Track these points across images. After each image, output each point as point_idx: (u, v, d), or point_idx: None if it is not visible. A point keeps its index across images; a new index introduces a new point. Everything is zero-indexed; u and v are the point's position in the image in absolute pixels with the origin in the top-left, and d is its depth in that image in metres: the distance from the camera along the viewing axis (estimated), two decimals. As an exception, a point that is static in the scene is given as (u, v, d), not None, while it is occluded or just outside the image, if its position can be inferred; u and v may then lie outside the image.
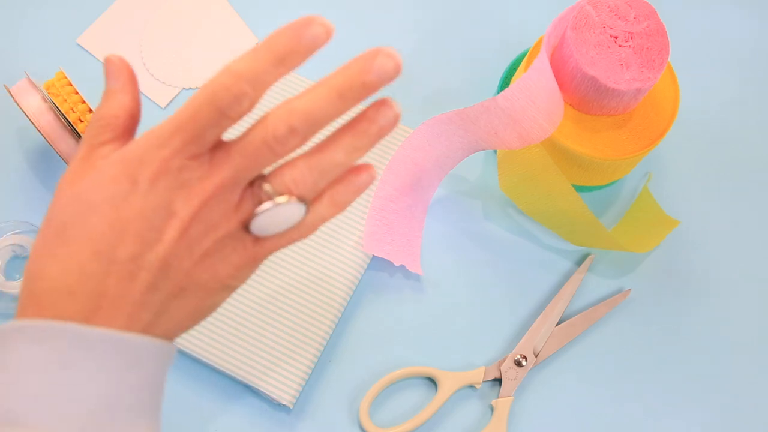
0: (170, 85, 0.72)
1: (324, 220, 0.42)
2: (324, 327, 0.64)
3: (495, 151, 0.69)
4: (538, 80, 0.57)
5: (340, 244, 0.66)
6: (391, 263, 0.67)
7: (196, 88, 0.72)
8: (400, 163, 0.66)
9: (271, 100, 0.70)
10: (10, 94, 0.62)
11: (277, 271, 0.65)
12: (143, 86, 0.71)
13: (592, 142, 0.62)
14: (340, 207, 0.42)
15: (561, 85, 0.61)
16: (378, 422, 0.63)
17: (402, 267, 0.67)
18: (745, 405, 0.66)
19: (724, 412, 0.65)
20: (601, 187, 0.70)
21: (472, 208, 0.69)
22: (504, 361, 0.65)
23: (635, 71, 0.58)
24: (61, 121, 0.61)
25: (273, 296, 0.64)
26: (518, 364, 0.64)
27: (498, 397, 0.64)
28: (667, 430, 0.65)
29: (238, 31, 0.74)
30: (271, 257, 0.65)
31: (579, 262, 0.68)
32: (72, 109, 0.61)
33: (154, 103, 0.71)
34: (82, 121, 0.61)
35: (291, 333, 0.63)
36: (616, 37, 0.59)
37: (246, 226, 0.40)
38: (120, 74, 0.41)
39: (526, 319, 0.67)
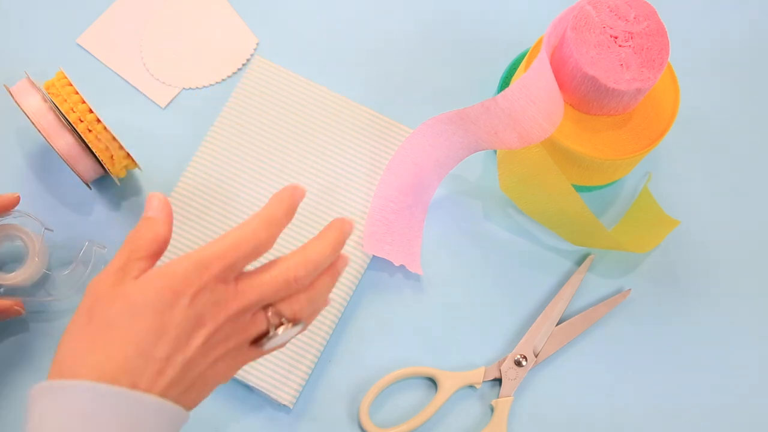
0: (170, 85, 0.72)
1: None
2: (324, 327, 0.64)
3: (495, 151, 0.69)
4: (538, 80, 0.57)
5: (340, 244, 0.66)
6: (391, 263, 0.67)
7: (196, 88, 0.72)
8: (400, 163, 0.66)
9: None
10: (10, 94, 0.62)
11: (277, 271, 0.65)
12: (143, 86, 0.71)
13: (592, 142, 0.62)
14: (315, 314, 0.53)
15: (561, 85, 0.61)
16: (378, 422, 0.63)
17: (402, 267, 0.67)
18: (745, 404, 0.66)
19: (724, 412, 0.65)
20: (601, 187, 0.70)
21: (472, 208, 0.69)
22: (504, 361, 0.65)
23: (635, 71, 0.58)
24: (62, 121, 0.61)
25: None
26: (518, 364, 0.65)
27: (498, 397, 0.64)
28: (667, 430, 0.65)
29: (238, 31, 0.74)
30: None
31: (579, 262, 0.68)
32: (72, 109, 0.61)
33: (154, 103, 0.71)
34: (82, 121, 0.61)
35: (291, 333, 0.63)
36: (616, 37, 0.59)
37: (252, 340, 0.49)
38: (162, 209, 0.50)
39: (526, 319, 0.67)
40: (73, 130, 0.61)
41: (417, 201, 0.67)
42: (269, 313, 0.49)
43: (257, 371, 0.62)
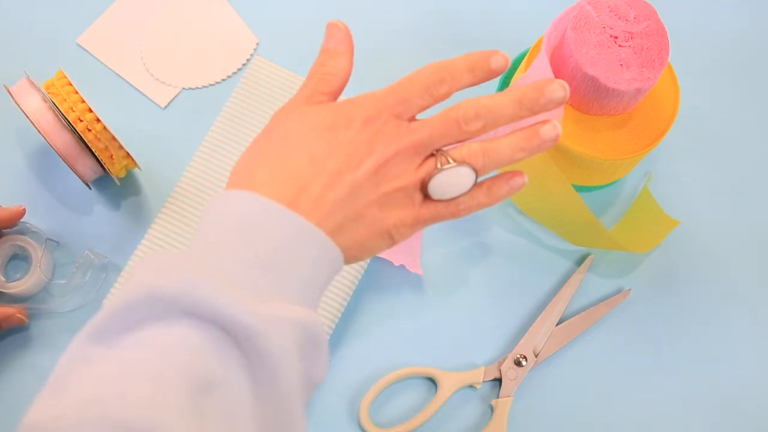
0: (170, 85, 0.72)
1: (479, 206, 0.49)
2: (324, 327, 0.64)
3: (495, 151, 0.69)
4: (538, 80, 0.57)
5: (340, 244, 0.66)
6: (391, 263, 0.67)
7: (196, 88, 0.72)
8: (400, 163, 0.66)
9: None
10: (10, 94, 0.62)
11: (277, 271, 0.65)
12: (143, 86, 0.71)
13: (592, 142, 0.62)
14: (494, 199, 0.50)
15: (561, 85, 0.61)
16: (378, 422, 0.63)
17: (402, 267, 0.67)
18: (745, 404, 0.66)
19: (724, 413, 0.65)
20: (601, 187, 0.70)
21: (472, 208, 0.69)
22: (504, 361, 0.65)
23: (635, 71, 0.58)
24: (61, 120, 0.62)
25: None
26: (518, 364, 0.65)
27: (498, 397, 0.64)
28: (667, 429, 0.65)
29: (238, 31, 0.74)
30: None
31: (579, 262, 0.68)
32: (72, 109, 0.61)
33: (153, 102, 0.71)
34: (81, 121, 0.61)
35: (291, 333, 0.63)
36: (616, 37, 0.59)
37: (421, 187, 0.48)
38: (345, 39, 0.50)
39: (526, 319, 0.67)
40: (73, 130, 0.61)
41: (417, 201, 0.67)
42: (436, 155, 0.48)
43: (257, 371, 0.62)
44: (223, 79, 0.72)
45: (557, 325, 0.66)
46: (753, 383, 0.66)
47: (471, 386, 0.65)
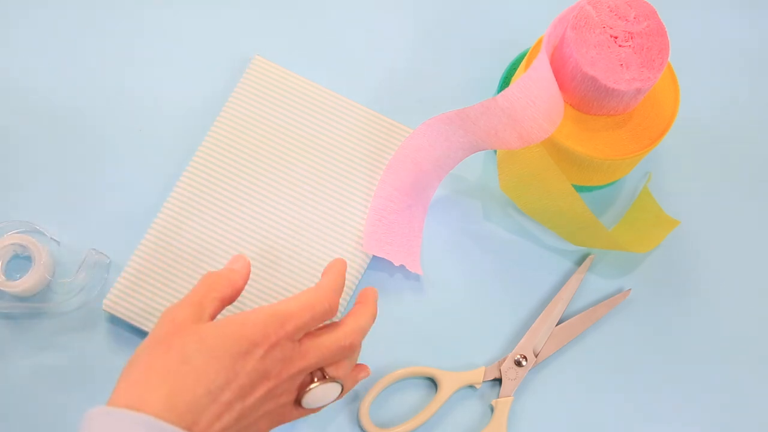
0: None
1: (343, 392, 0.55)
2: (324, 327, 0.64)
3: (495, 151, 0.69)
4: (538, 80, 0.57)
5: (340, 244, 0.66)
6: (391, 263, 0.67)
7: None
8: (400, 163, 0.66)
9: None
10: None
11: (277, 272, 0.65)
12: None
13: (592, 142, 0.62)
14: (354, 384, 0.57)
15: (561, 85, 0.61)
16: (378, 422, 0.63)
17: (402, 267, 0.67)
18: (744, 405, 0.66)
19: (723, 413, 0.66)
20: (601, 187, 0.70)
21: (472, 208, 0.69)
22: (504, 361, 0.65)
23: (635, 71, 0.58)
24: None
25: (273, 296, 0.64)
26: (518, 364, 0.65)
27: (498, 397, 0.64)
28: (667, 430, 0.65)
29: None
30: (272, 258, 0.65)
31: (579, 262, 0.68)
32: None
33: (154, 103, 0.71)
34: None
35: (291, 333, 0.63)
36: (616, 37, 0.59)
37: (296, 399, 0.52)
38: (244, 267, 0.54)
39: (526, 319, 0.67)
40: None
41: (417, 201, 0.67)
42: (317, 373, 0.52)
43: (257, 371, 0.62)
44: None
45: (557, 325, 0.66)
46: (753, 383, 0.66)
47: (471, 386, 0.65)
